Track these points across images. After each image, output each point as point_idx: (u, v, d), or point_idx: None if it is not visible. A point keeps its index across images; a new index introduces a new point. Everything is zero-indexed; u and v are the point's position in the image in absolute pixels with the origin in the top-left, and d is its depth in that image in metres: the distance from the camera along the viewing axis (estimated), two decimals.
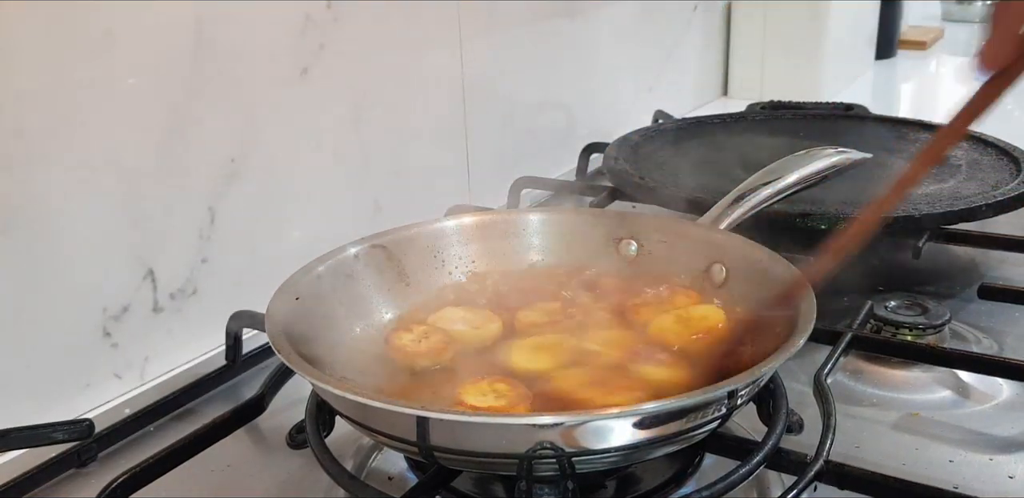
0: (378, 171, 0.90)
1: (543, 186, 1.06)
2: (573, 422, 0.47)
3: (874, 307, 0.73)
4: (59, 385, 0.66)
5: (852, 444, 0.61)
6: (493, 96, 1.05)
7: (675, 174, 0.97)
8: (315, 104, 0.82)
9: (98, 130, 0.65)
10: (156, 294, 0.72)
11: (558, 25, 1.14)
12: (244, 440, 0.64)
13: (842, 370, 0.71)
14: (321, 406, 0.57)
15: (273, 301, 0.58)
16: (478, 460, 0.50)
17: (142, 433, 0.66)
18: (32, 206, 0.62)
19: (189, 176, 0.72)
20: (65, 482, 0.61)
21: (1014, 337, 0.75)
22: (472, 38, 0.99)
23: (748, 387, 0.51)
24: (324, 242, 0.66)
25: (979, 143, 1.03)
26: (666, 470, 0.57)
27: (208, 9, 0.71)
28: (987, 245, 0.86)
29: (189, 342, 0.75)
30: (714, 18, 1.55)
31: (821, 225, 0.82)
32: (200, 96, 0.72)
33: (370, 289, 0.66)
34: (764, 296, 0.61)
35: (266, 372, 0.68)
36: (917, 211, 0.83)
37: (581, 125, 1.22)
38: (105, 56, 0.65)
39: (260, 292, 0.60)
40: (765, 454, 0.52)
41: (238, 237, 0.77)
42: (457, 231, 0.71)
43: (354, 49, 0.84)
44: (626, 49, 1.30)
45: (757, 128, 1.18)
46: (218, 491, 0.60)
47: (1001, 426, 0.64)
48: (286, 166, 0.80)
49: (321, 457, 0.53)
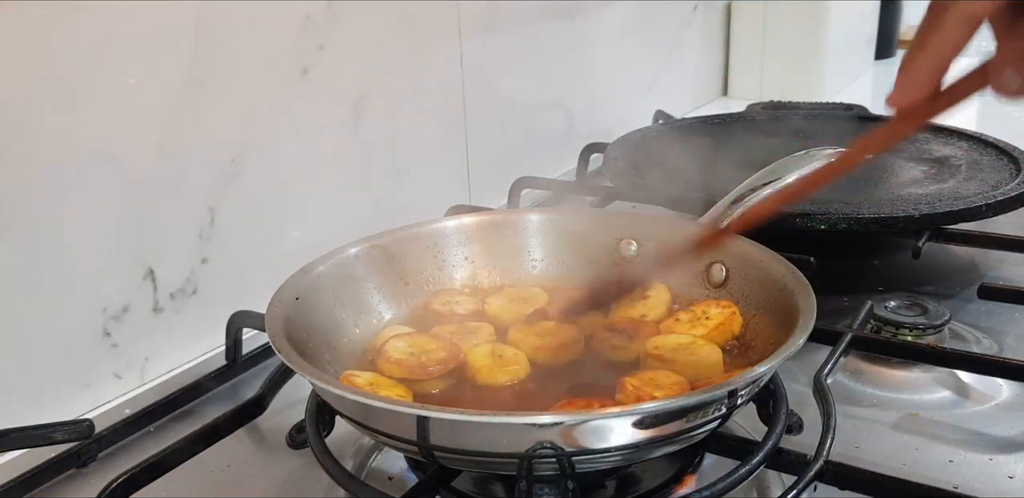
0: (378, 171, 0.90)
1: (543, 186, 1.06)
2: (573, 422, 0.46)
3: (874, 307, 0.73)
4: (59, 385, 0.66)
5: (852, 444, 0.61)
6: (493, 96, 1.05)
7: (675, 174, 0.97)
8: (315, 104, 0.82)
9: (98, 130, 0.65)
10: (156, 294, 0.72)
11: (558, 25, 1.14)
12: (244, 440, 0.64)
13: (842, 370, 0.71)
14: (321, 406, 0.57)
15: (273, 301, 0.58)
16: (478, 460, 0.49)
17: (142, 433, 0.66)
18: (32, 206, 0.62)
19: (189, 176, 0.72)
20: (65, 482, 0.61)
21: (1014, 337, 0.75)
22: (472, 38, 0.99)
23: (748, 387, 0.51)
24: (324, 242, 0.66)
25: (979, 143, 1.03)
26: (666, 470, 0.57)
27: (208, 9, 0.71)
28: (987, 245, 0.86)
29: (189, 342, 0.75)
30: (714, 18, 1.55)
31: (821, 225, 0.82)
32: (200, 96, 0.72)
33: (370, 289, 0.66)
34: (765, 295, 0.61)
35: (266, 372, 0.68)
36: (917, 211, 0.83)
37: (581, 125, 1.22)
38: (105, 56, 0.65)
39: (260, 292, 0.60)
40: (765, 454, 0.52)
41: (238, 237, 0.77)
42: (457, 231, 0.71)
43: (354, 49, 0.84)
44: (626, 49, 1.30)
45: (757, 128, 1.18)
46: (218, 491, 0.59)
47: (1001, 426, 0.64)
48: (286, 166, 0.81)
49: (321, 457, 0.53)
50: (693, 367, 0.58)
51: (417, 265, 0.69)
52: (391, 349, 0.59)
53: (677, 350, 0.59)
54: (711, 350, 0.60)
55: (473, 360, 0.59)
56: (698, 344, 0.60)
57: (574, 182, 1.11)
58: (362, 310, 0.65)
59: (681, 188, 0.92)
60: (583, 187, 1.06)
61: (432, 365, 0.58)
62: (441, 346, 0.60)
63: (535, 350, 0.61)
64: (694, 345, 0.60)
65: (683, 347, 0.60)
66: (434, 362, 0.58)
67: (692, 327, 0.62)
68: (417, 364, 0.58)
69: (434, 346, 0.60)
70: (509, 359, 0.59)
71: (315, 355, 0.57)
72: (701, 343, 0.60)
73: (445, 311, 0.66)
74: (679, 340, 0.61)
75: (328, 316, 0.62)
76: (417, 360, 0.58)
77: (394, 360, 0.58)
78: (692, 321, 0.63)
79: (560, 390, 0.57)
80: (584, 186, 1.07)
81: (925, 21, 0.45)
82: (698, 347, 0.60)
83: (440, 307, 0.67)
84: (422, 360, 0.58)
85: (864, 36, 1.74)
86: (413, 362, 0.58)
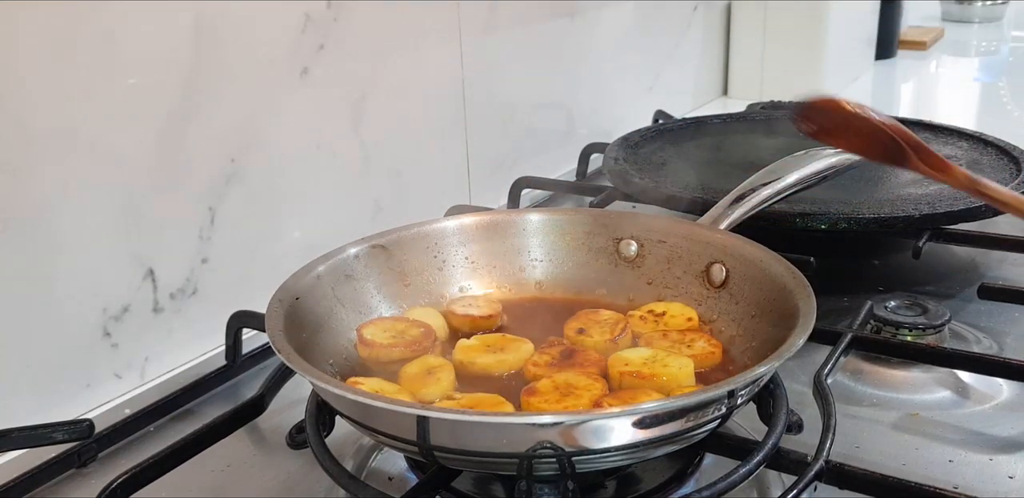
0: (378, 171, 0.90)
1: (543, 186, 1.06)
2: (573, 421, 0.47)
3: (874, 307, 0.73)
4: (59, 385, 0.66)
5: (852, 444, 0.61)
6: (493, 96, 1.05)
7: (675, 174, 0.97)
8: (315, 104, 0.82)
9: (98, 130, 0.65)
10: (156, 294, 0.72)
11: (558, 25, 1.14)
12: (244, 440, 0.64)
13: (842, 370, 0.71)
14: (321, 406, 0.57)
15: (273, 301, 0.58)
16: (478, 460, 0.50)
17: (142, 433, 0.66)
18: (32, 206, 0.62)
19: (189, 176, 0.72)
20: (65, 482, 0.61)
21: (1014, 337, 0.75)
22: (472, 38, 0.99)
23: (748, 387, 0.51)
24: (324, 242, 0.66)
25: (979, 143, 1.03)
26: (666, 470, 0.57)
27: (208, 9, 0.71)
28: (987, 245, 0.86)
29: (189, 342, 0.75)
30: (714, 18, 1.55)
31: (821, 225, 0.82)
32: (200, 96, 0.72)
33: (370, 289, 0.66)
34: (765, 295, 0.61)
35: (266, 372, 0.68)
36: (917, 211, 0.83)
37: (581, 125, 1.22)
38: (105, 56, 0.65)
39: (260, 292, 0.60)
40: (765, 454, 0.52)
41: (238, 237, 0.77)
42: (457, 231, 0.71)
43: (354, 49, 0.84)
44: (626, 49, 1.30)
45: (757, 128, 1.18)
46: (218, 491, 0.60)
47: (1001, 426, 0.64)
48: (286, 166, 0.81)
49: (321, 457, 0.53)
50: (673, 379, 0.57)
51: (417, 265, 0.69)
52: (366, 333, 0.62)
53: (647, 364, 0.58)
54: (683, 361, 0.58)
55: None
56: (668, 356, 0.59)
57: (574, 182, 1.11)
58: (362, 310, 0.65)
59: (681, 188, 0.91)
60: (583, 187, 1.06)
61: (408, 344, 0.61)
62: (413, 324, 0.63)
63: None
64: (667, 357, 0.59)
65: (653, 359, 0.59)
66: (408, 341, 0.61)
67: (671, 346, 0.61)
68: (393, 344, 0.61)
69: (406, 326, 0.63)
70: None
71: (315, 355, 0.57)
72: (665, 354, 0.59)
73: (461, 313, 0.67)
74: (642, 353, 0.59)
75: (328, 316, 0.62)
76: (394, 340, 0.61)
77: (366, 341, 0.61)
78: (673, 343, 0.62)
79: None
80: (584, 186, 1.07)
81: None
82: (669, 359, 0.59)
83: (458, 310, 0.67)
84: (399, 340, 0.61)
85: (864, 36, 1.74)
86: (390, 342, 0.61)
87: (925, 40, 1.93)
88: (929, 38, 1.95)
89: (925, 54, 1.91)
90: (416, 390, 0.57)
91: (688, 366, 0.58)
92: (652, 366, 0.58)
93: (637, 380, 0.57)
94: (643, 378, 0.57)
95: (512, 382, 0.59)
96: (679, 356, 0.59)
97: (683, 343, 0.62)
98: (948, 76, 1.86)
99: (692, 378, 0.58)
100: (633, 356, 0.59)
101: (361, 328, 0.62)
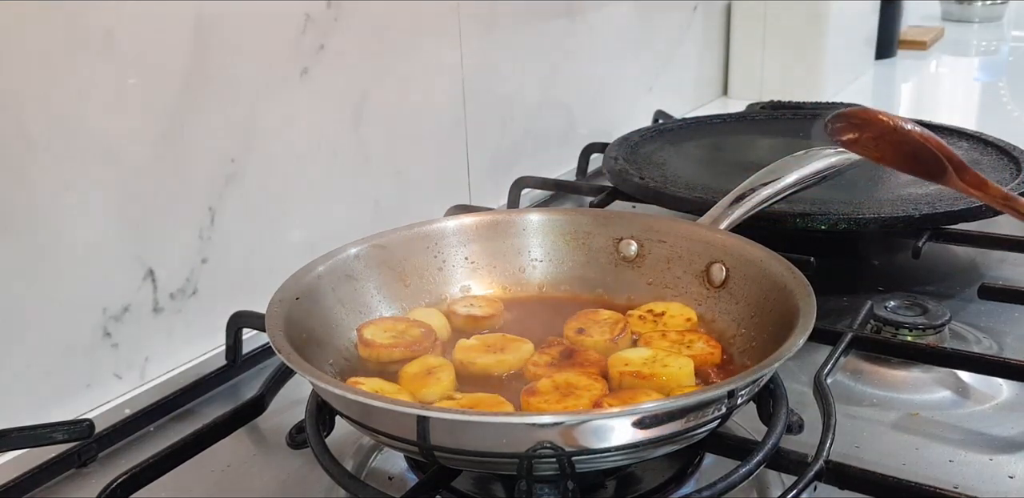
0: (378, 171, 0.90)
1: (543, 186, 1.06)
2: (573, 421, 0.47)
3: (874, 307, 0.73)
4: (59, 385, 0.66)
5: (852, 444, 0.61)
6: (493, 96, 1.05)
7: (675, 174, 0.97)
8: (315, 104, 0.82)
9: (98, 130, 0.65)
10: (156, 294, 0.72)
11: (558, 25, 1.14)
12: (244, 440, 0.64)
13: (842, 370, 0.71)
14: (321, 406, 0.57)
15: (273, 301, 0.58)
16: (478, 460, 0.50)
17: (142, 433, 0.66)
18: (32, 206, 0.62)
19: (189, 176, 0.72)
20: (65, 482, 0.61)
21: (1014, 337, 0.75)
22: (472, 38, 0.99)
23: (748, 387, 0.51)
24: (324, 242, 0.66)
25: (979, 143, 1.03)
26: (666, 470, 0.57)
27: (208, 9, 0.71)
28: (987, 245, 0.86)
29: (189, 342, 0.75)
30: (714, 18, 1.55)
31: (821, 225, 0.82)
32: (200, 96, 0.72)
33: (370, 289, 0.66)
34: (765, 295, 0.61)
35: (266, 372, 0.68)
36: (917, 211, 0.83)
37: (581, 125, 1.22)
38: (105, 56, 0.65)
39: (260, 292, 0.60)
40: (765, 454, 0.52)
41: (238, 237, 0.77)
42: (457, 231, 0.71)
43: (354, 49, 0.85)
44: (626, 49, 1.30)
45: (757, 128, 1.18)
46: (218, 491, 0.60)
47: (1001, 426, 0.64)
48: (286, 166, 0.81)
49: (321, 457, 0.53)
50: (673, 379, 0.57)
51: (417, 265, 0.69)
52: (367, 333, 0.62)
53: (647, 364, 0.58)
54: (683, 361, 0.58)
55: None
56: (668, 356, 0.59)
57: (574, 182, 1.11)
58: (362, 310, 0.65)
59: (681, 188, 0.92)
60: (583, 187, 1.06)
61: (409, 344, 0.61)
62: (414, 324, 0.63)
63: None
64: (666, 357, 0.59)
65: (653, 359, 0.58)
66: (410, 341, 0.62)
67: (670, 346, 0.61)
68: (393, 344, 0.61)
69: (406, 326, 0.63)
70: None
71: (315, 355, 0.57)
72: (664, 354, 0.59)
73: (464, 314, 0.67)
74: (642, 353, 0.59)
75: (328, 316, 0.62)
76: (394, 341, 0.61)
77: (367, 341, 0.61)
78: (673, 343, 0.62)
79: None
80: (584, 186, 1.07)
81: None
82: (669, 359, 0.58)
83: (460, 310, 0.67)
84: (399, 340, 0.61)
85: (864, 36, 1.74)
86: (390, 342, 0.61)
87: (925, 40, 1.93)
88: (929, 38, 1.95)
89: (925, 54, 1.91)
90: (416, 390, 0.57)
91: (688, 366, 0.58)
92: (652, 366, 0.58)
93: (637, 380, 0.57)
94: (643, 378, 0.57)
95: (512, 382, 0.59)
96: (679, 356, 0.59)
97: (683, 343, 0.62)
98: (948, 76, 1.86)
99: (692, 378, 0.58)
100: (633, 356, 0.59)
101: (361, 328, 0.62)
